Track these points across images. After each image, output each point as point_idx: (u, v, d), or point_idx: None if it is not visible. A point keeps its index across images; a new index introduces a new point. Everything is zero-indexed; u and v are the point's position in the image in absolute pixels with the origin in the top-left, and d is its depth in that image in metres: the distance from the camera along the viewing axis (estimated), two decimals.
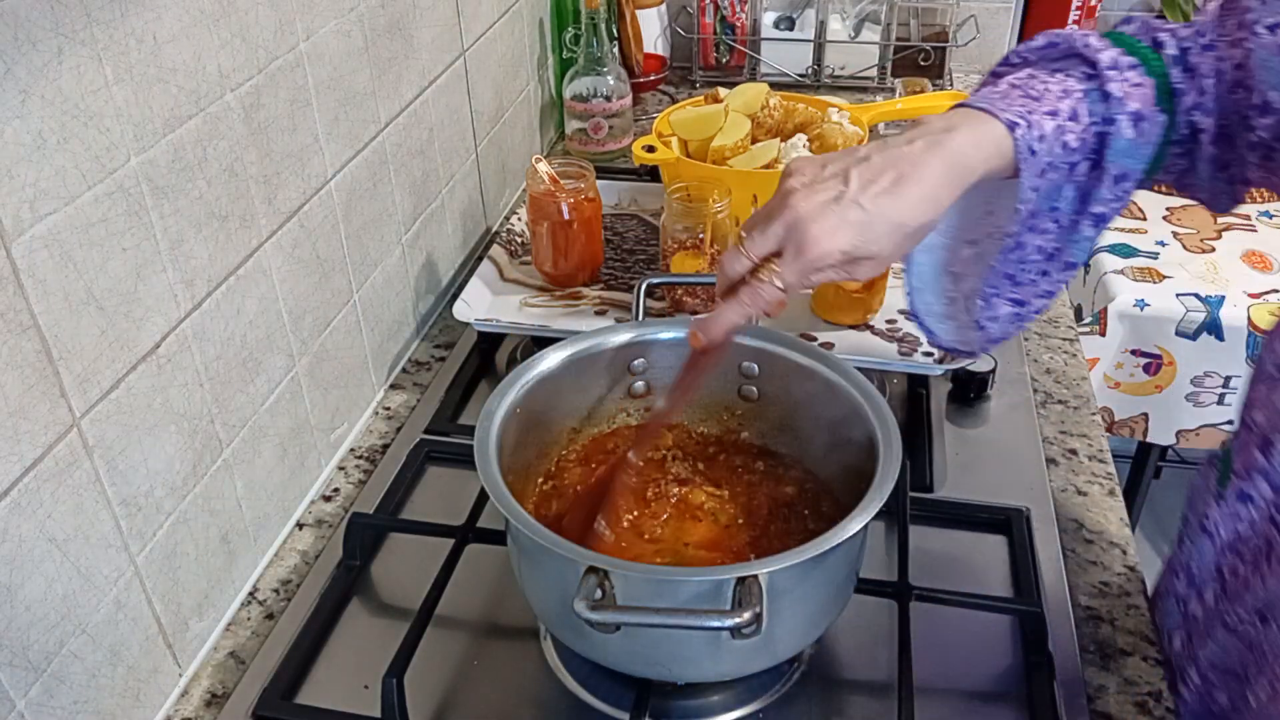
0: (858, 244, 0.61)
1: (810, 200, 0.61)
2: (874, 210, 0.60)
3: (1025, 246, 0.66)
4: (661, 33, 1.66)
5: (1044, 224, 0.66)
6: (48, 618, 0.61)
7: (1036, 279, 0.68)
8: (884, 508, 0.63)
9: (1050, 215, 0.66)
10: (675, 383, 0.74)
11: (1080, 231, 0.66)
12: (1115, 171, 0.64)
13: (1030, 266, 0.68)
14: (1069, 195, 0.65)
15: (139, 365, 0.66)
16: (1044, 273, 0.68)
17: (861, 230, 0.60)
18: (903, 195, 0.60)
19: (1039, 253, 0.67)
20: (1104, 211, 0.65)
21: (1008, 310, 0.69)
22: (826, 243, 0.60)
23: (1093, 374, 1.61)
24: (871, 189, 0.60)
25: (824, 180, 0.62)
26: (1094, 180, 0.64)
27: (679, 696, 0.71)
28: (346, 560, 0.82)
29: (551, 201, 1.05)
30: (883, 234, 0.61)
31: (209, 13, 0.70)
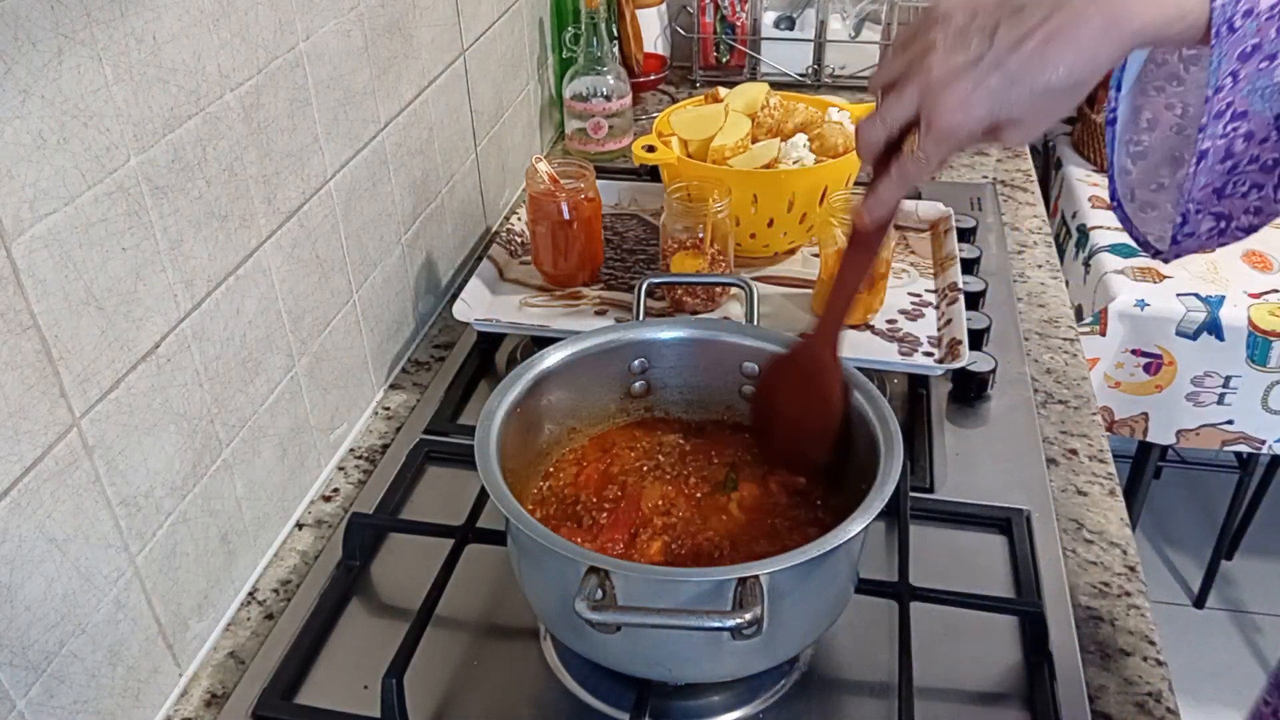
0: (997, 111, 0.55)
1: (947, 62, 0.55)
2: (1018, 73, 0.54)
3: (1237, 156, 0.57)
4: (661, 32, 1.66)
5: (1263, 131, 0.56)
6: (48, 618, 0.61)
7: (1248, 190, 0.59)
8: (884, 508, 0.63)
9: (1271, 122, 0.56)
10: (841, 268, 0.69)
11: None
12: None
13: (1243, 177, 0.58)
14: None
15: (139, 365, 0.66)
16: (1257, 185, 0.59)
17: (1002, 96, 0.55)
18: (1052, 55, 0.53)
19: (1253, 162, 0.58)
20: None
21: (1209, 225, 0.61)
22: (961, 114, 0.55)
23: (1093, 374, 1.61)
24: (1019, 50, 0.54)
25: (968, 35, 0.55)
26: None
27: (679, 697, 0.71)
28: (346, 560, 0.82)
29: (551, 201, 1.05)
30: (1025, 99, 0.55)
31: (209, 13, 0.70)
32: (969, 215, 1.25)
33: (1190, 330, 1.57)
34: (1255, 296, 1.57)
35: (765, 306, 1.06)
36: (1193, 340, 1.57)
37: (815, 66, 1.68)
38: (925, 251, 1.16)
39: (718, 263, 1.05)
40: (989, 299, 1.11)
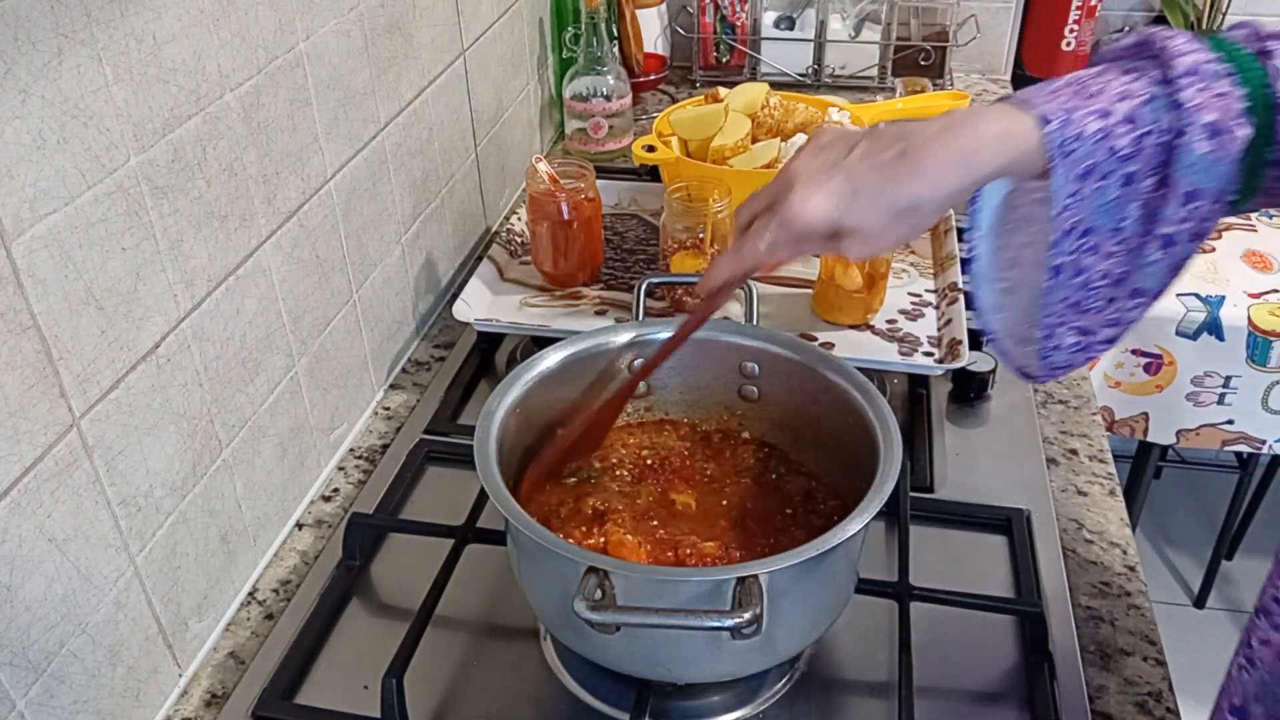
0: (840, 215, 0.59)
1: (807, 164, 0.60)
2: (863, 181, 0.58)
3: (1088, 271, 0.61)
4: (661, 32, 1.66)
5: (1108, 245, 0.60)
6: (48, 618, 0.61)
7: (1103, 306, 0.62)
8: (884, 508, 0.63)
9: (1114, 236, 0.60)
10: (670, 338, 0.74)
11: (1146, 255, 0.60)
12: (1184, 188, 0.57)
13: (1096, 293, 0.62)
14: (1133, 214, 0.59)
15: (139, 365, 0.66)
16: (1111, 300, 0.62)
17: (845, 200, 0.59)
18: (899, 171, 0.58)
19: (1104, 278, 0.61)
20: (1172, 233, 0.59)
21: (1072, 340, 0.64)
22: (806, 207, 0.59)
23: (1093, 373, 1.61)
24: (868, 161, 0.58)
25: (831, 146, 0.61)
26: (1160, 198, 0.58)
27: (679, 697, 0.71)
28: (346, 560, 0.82)
29: (551, 201, 1.05)
30: (867, 209, 0.59)
31: (209, 13, 0.70)
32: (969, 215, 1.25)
33: (1190, 330, 1.57)
34: (1255, 296, 1.57)
35: (765, 306, 1.06)
36: (1193, 340, 1.58)
37: (815, 66, 1.68)
38: (925, 251, 1.16)
39: None
40: None
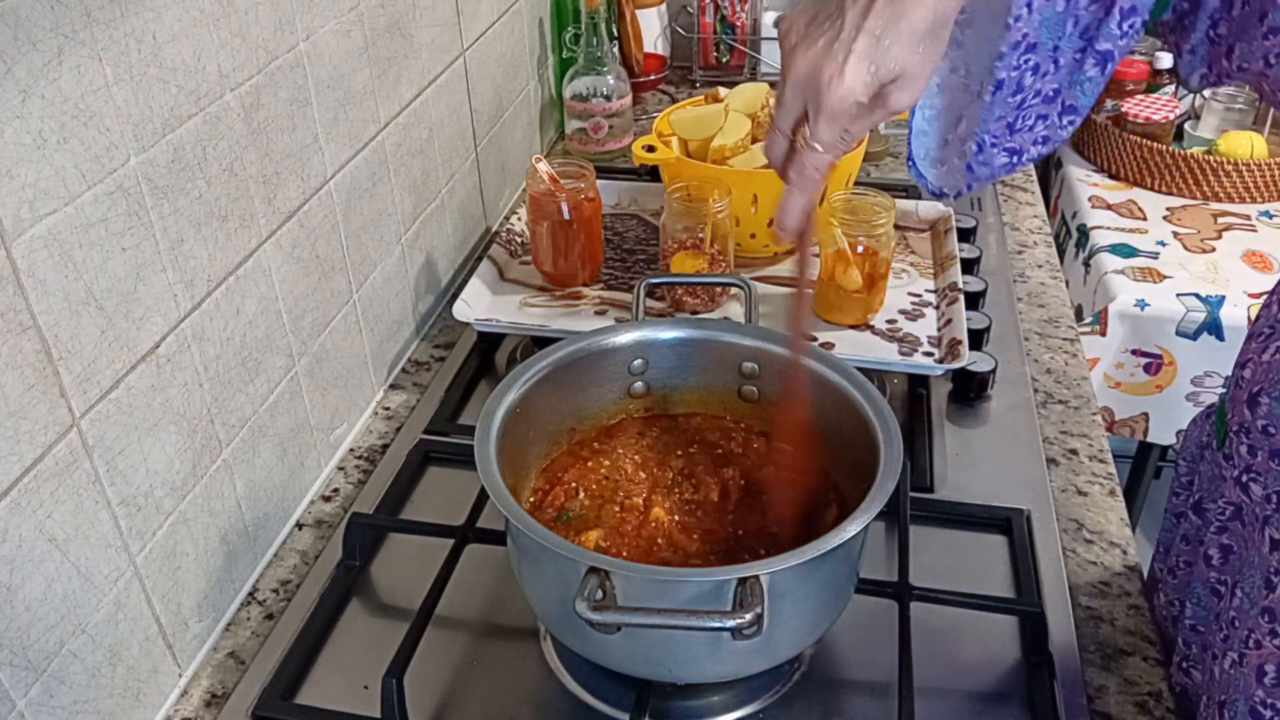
0: (876, 69, 0.56)
1: (809, 50, 0.57)
2: (881, 29, 0.56)
3: (1025, 90, 0.62)
4: (661, 32, 1.66)
5: (1044, 63, 0.61)
6: (48, 618, 0.61)
7: (1034, 124, 0.63)
8: (884, 508, 0.63)
9: (1051, 54, 0.61)
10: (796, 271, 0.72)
11: (1084, 71, 0.61)
12: (1124, 4, 0.59)
13: (1029, 111, 0.63)
14: (1070, 29, 0.60)
15: (139, 365, 0.66)
16: (1042, 116, 0.63)
17: (873, 55, 0.56)
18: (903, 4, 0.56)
19: (1037, 95, 0.62)
20: (1110, 49, 0.60)
21: (1003, 160, 0.65)
22: (841, 83, 0.56)
23: (1093, 374, 1.61)
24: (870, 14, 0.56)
25: (818, 25, 0.58)
26: (1099, 12, 0.59)
27: (679, 697, 0.71)
28: (346, 560, 0.82)
29: (551, 201, 1.05)
30: (898, 46, 0.56)
31: (209, 13, 0.70)
32: (969, 215, 1.25)
33: (1190, 330, 1.57)
34: (1255, 296, 1.57)
35: (765, 306, 1.06)
36: (1193, 340, 1.58)
37: None
38: (925, 251, 1.16)
39: (718, 263, 1.06)
40: (989, 299, 1.11)
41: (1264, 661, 0.61)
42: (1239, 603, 0.64)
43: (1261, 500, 0.62)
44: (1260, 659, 0.61)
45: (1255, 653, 0.62)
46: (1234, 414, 0.67)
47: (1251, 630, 0.62)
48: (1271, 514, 0.62)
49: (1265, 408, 0.62)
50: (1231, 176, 1.78)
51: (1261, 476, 0.63)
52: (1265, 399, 0.63)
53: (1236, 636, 0.64)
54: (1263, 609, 0.62)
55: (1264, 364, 0.64)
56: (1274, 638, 0.61)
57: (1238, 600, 0.64)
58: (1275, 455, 0.61)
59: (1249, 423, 0.64)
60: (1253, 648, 0.62)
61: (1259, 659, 0.62)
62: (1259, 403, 0.63)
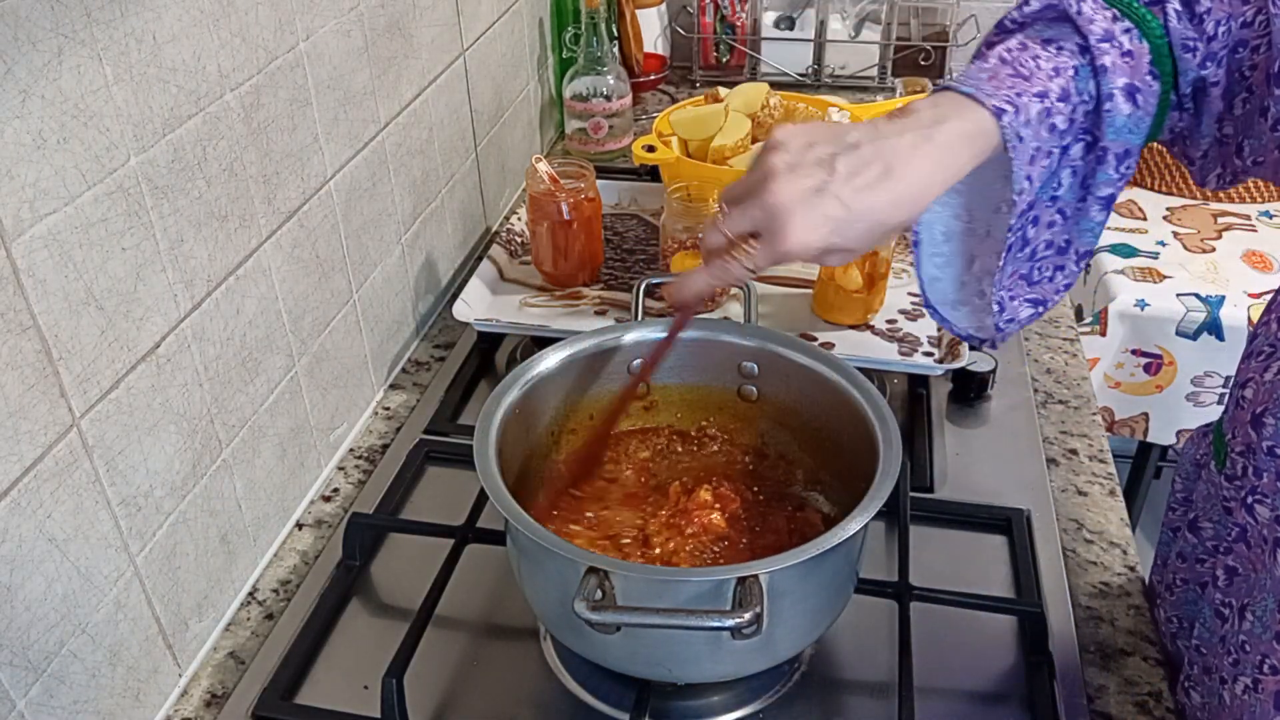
0: (833, 240, 0.59)
1: (791, 187, 0.58)
2: (856, 207, 0.58)
3: (1032, 242, 0.64)
4: (661, 32, 1.66)
5: (1048, 215, 0.64)
6: (48, 618, 0.61)
7: (1053, 275, 0.66)
8: (884, 508, 0.63)
9: (1052, 205, 0.63)
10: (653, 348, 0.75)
11: (1089, 217, 0.63)
12: (1117, 150, 0.61)
13: (1043, 263, 0.65)
14: (1067, 181, 0.62)
15: (139, 365, 0.66)
16: (1059, 268, 0.66)
17: (839, 226, 0.58)
18: (886, 192, 0.58)
19: (1049, 247, 0.64)
20: (1111, 193, 0.62)
21: (1027, 312, 0.67)
22: (803, 236, 0.58)
23: (1093, 374, 1.61)
24: (855, 182, 0.58)
25: (808, 165, 0.59)
26: (1093, 161, 0.61)
27: (679, 697, 0.71)
28: (346, 560, 0.82)
29: (551, 201, 1.05)
30: (861, 230, 0.59)
31: (209, 13, 0.70)
32: None
33: (1190, 330, 1.57)
34: (1255, 296, 1.57)
35: (765, 306, 1.06)
36: (1193, 340, 1.57)
37: (815, 66, 1.68)
38: None
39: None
40: None
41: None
42: (1249, 626, 0.63)
43: (1270, 522, 0.62)
44: (1278, 685, 0.61)
45: (1272, 679, 0.61)
46: (1237, 434, 0.66)
47: (1266, 655, 0.62)
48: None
49: (1271, 428, 0.62)
50: None
51: (1269, 498, 0.62)
52: (1270, 419, 0.62)
53: (1249, 662, 0.63)
54: (1277, 634, 0.61)
55: (1266, 384, 0.63)
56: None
57: (1248, 624, 0.63)
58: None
59: (1254, 443, 0.63)
60: (1268, 673, 0.62)
61: (1276, 685, 0.61)
62: (1264, 423, 0.62)
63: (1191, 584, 0.74)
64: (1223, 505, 0.69)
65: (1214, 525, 0.71)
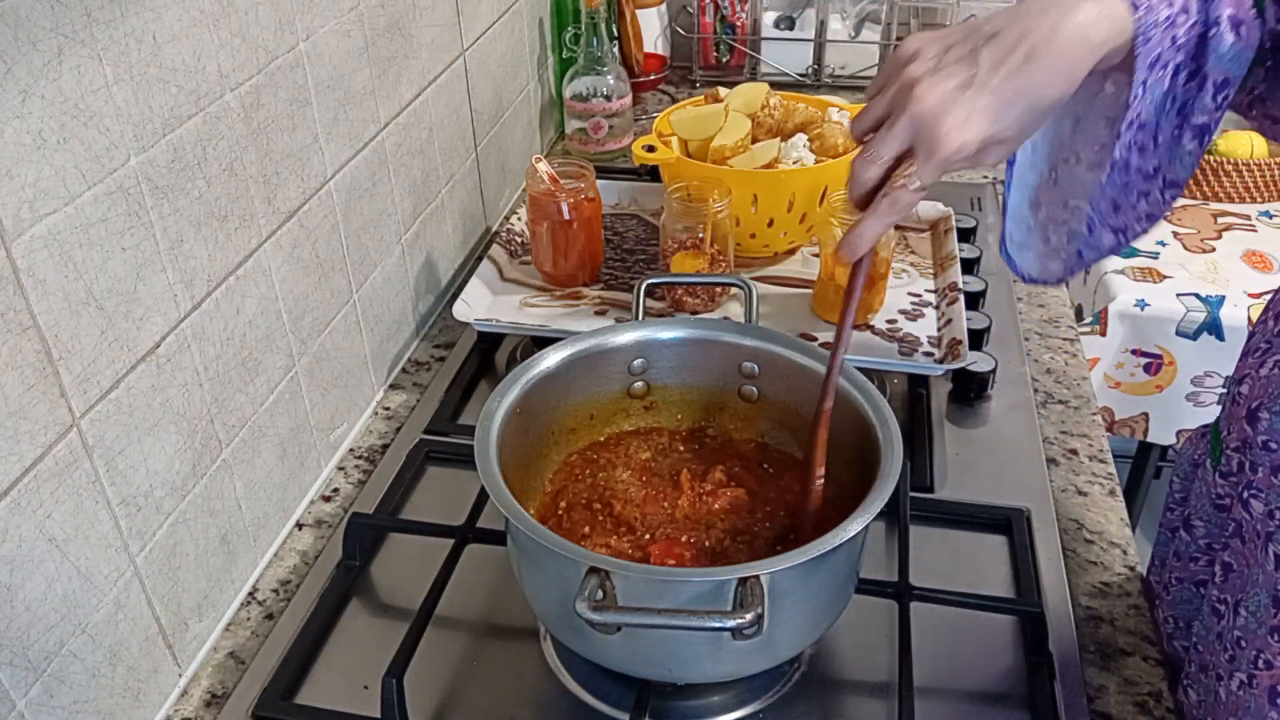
0: (993, 131, 0.57)
1: (936, 90, 0.56)
2: (1009, 93, 0.56)
3: (1130, 167, 0.62)
4: (661, 32, 1.66)
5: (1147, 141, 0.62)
6: (48, 618, 0.61)
7: (1137, 202, 0.64)
8: (884, 508, 0.63)
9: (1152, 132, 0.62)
10: (843, 310, 0.68)
11: (1182, 146, 0.62)
12: (1217, 77, 0.59)
13: (1133, 189, 0.63)
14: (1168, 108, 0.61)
15: (139, 365, 0.66)
16: (1145, 194, 0.63)
17: (996, 117, 0.56)
18: (1036, 73, 0.56)
19: (1139, 173, 0.63)
20: (1206, 122, 0.60)
21: (1110, 240, 0.65)
22: (960, 135, 0.56)
23: (1093, 374, 1.61)
24: (1002, 70, 0.56)
25: (950, 64, 0.57)
26: (1194, 88, 0.60)
27: (679, 697, 0.71)
28: (346, 560, 0.82)
29: (551, 201, 1.05)
30: (1017, 116, 0.57)
31: (209, 13, 0.70)
32: (969, 215, 1.25)
33: (1190, 330, 1.57)
34: (1255, 296, 1.57)
35: (765, 306, 1.06)
36: (1193, 340, 1.58)
37: (815, 66, 1.68)
38: (925, 251, 1.16)
39: (718, 263, 1.06)
40: (989, 299, 1.11)
41: (1276, 682, 0.61)
42: (1244, 622, 0.63)
43: (1263, 517, 0.62)
44: (1272, 680, 0.61)
45: (1266, 674, 0.61)
46: (1233, 431, 0.66)
47: (1261, 650, 0.62)
48: (1275, 530, 0.61)
49: (1265, 423, 0.62)
50: (1231, 176, 1.78)
51: (1263, 493, 0.62)
52: (1265, 414, 0.62)
53: (1244, 657, 0.63)
54: (1271, 628, 0.61)
55: (1261, 379, 0.64)
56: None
57: (1242, 619, 0.63)
58: (1276, 471, 0.61)
59: (1250, 438, 0.64)
60: (1263, 668, 0.62)
61: (1271, 680, 0.61)
62: (1259, 418, 0.63)
63: (1187, 583, 0.74)
64: (1214, 503, 0.70)
65: (1205, 524, 0.72)
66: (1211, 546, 0.71)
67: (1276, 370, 0.63)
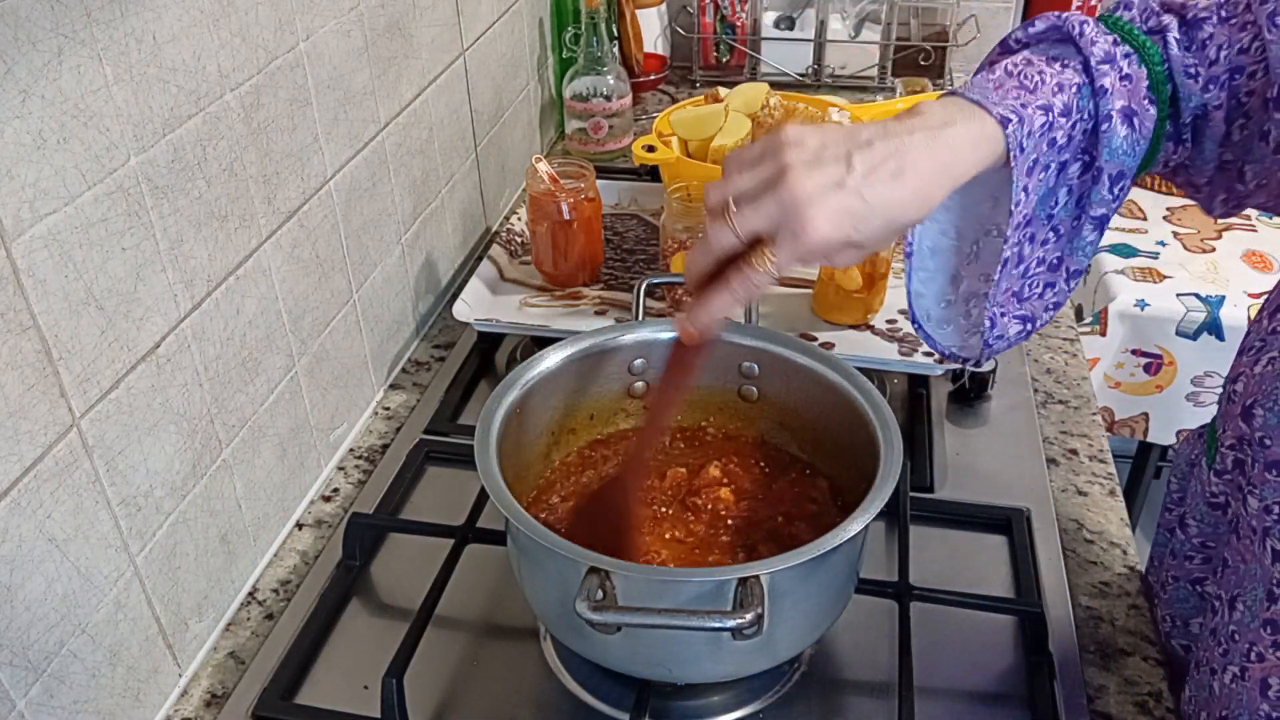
0: (851, 235, 0.58)
1: (810, 181, 0.57)
2: (874, 202, 0.57)
3: (1026, 260, 0.65)
4: (661, 32, 1.66)
5: (1042, 233, 0.64)
6: (48, 618, 0.61)
7: (1043, 292, 0.67)
8: (884, 508, 0.63)
9: (1047, 223, 0.64)
10: (662, 385, 0.71)
11: (1082, 236, 0.65)
12: (1112, 171, 0.62)
13: (1035, 280, 0.66)
14: (1063, 199, 0.64)
15: (139, 365, 0.66)
16: (1050, 284, 0.66)
17: (858, 221, 0.57)
18: (901, 188, 0.58)
19: (1041, 264, 0.65)
20: (1104, 213, 0.64)
21: (1016, 329, 0.67)
22: (825, 230, 0.57)
23: (1093, 374, 1.61)
24: (873, 179, 0.57)
25: (825, 161, 0.58)
26: (1089, 181, 0.63)
27: (679, 697, 0.71)
28: (346, 560, 0.82)
29: (551, 201, 1.05)
30: (876, 226, 0.58)
31: (209, 13, 0.70)
32: None
33: (1190, 330, 1.57)
34: (1255, 296, 1.57)
35: (765, 306, 1.06)
36: (1193, 340, 1.57)
37: (815, 66, 1.68)
38: None
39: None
40: None
41: (1267, 674, 0.61)
42: (1239, 616, 0.64)
43: (1259, 512, 0.62)
44: (1264, 672, 0.61)
45: (1258, 666, 0.62)
46: (1228, 429, 0.67)
47: (1254, 644, 0.62)
48: (1271, 525, 0.61)
49: (1260, 419, 0.62)
50: None
51: (1258, 489, 0.62)
52: (1259, 410, 0.63)
53: (1237, 650, 0.63)
54: (1265, 621, 0.61)
55: (1256, 376, 0.64)
56: (1277, 650, 0.61)
57: (1238, 614, 0.64)
58: (1271, 466, 0.61)
59: (1246, 435, 0.64)
60: (1255, 661, 0.62)
61: (1262, 672, 0.61)
62: (1253, 414, 0.63)
63: (1183, 581, 0.75)
64: (1208, 501, 0.70)
65: (1199, 523, 0.72)
66: (1206, 545, 0.71)
67: (1270, 367, 0.63)
